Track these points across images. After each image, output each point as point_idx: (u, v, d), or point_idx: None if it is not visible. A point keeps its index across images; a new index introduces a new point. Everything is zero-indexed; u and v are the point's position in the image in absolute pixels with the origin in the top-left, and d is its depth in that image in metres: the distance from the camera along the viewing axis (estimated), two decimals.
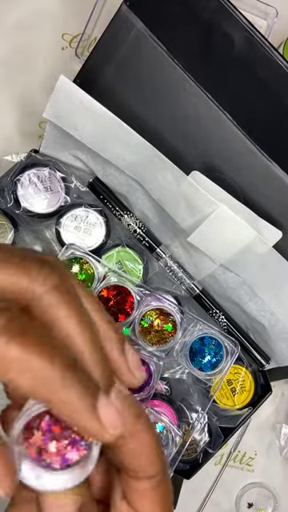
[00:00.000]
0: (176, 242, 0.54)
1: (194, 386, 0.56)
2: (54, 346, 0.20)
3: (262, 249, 0.50)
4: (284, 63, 0.46)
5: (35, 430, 0.22)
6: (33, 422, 0.22)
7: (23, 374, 0.19)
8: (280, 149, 0.49)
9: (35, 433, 0.22)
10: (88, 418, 0.21)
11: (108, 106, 0.48)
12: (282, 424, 0.62)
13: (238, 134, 0.49)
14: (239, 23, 0.46)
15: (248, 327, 0.56)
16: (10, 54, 0.62)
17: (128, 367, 0.24)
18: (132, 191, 0.54)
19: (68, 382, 0.20)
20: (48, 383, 0.20)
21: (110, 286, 0.52)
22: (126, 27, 0.48)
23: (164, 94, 0.50)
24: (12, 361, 0.19)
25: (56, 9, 0.62)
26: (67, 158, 0.55)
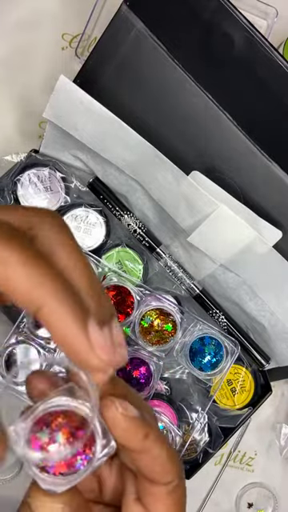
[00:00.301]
0: (176, 242, 0.54)
1: (193, 385, 0.56)
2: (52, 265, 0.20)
3: (262, 249, 0.50)
4: (284, 63, 0.46)
5: (45, 427, 0.23)
6: (46, 418, 0.23)
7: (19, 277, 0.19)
8: (280, 149, 0.49)
9: (44, 429, 0.23)
10: (77, 335, 0.20)
11: (108, 106, 0.48)
12: (282, 424, 0.62)
13: (238, 134, 0.49)
14: (239, 23, 0.46)
15: (248, 327, 0.56)
16: (10, 54, 0.62)
17: None
18: (132, 191, 0.54)
19: (61, 295, 0.20)
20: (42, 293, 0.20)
21: (109, 286, 0.52)
22: (126, 27, 0.48)
23: (164, 94, 0.50)
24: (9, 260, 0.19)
25: (56, 9, 0.62)
26: (67, 158, 0.55)
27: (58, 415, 0.23)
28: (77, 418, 0.23)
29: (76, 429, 0.23)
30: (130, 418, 0.23)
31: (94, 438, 0.23)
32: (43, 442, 0.22)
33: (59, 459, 0.23)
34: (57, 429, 0.23)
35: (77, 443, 0.23)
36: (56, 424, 0.23)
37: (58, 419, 0.23)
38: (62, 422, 0.23)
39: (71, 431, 0.23)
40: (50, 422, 0.23)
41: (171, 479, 0.24)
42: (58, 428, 0.23)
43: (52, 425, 0.23)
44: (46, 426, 0.23)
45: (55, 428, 0.23)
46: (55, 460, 0.23)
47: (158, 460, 0.24)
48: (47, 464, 0.23)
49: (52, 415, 0.23)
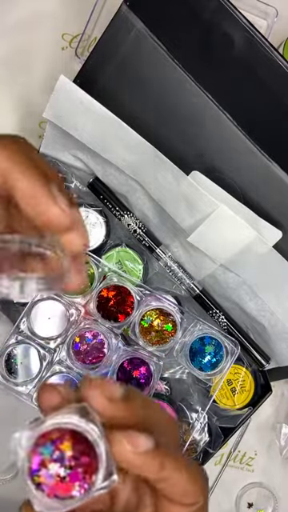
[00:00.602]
0: (176, 242, 0.54)
1: (193, 386, 0.56)
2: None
3: (262, 249, 0.50)
4: (284, 63, 0.46)
5: (49, 442, 0.22)
6: (52, 433, 0.22)
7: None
8: (280, 149, 0.49)
9: (48, 444, 0.22)
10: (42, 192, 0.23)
11: (108, 106, 0.48)
12: (282, 424, 0.62)
13: (238, 134, 0.49)
14: (239, 23, 0.46)
15: (248, 327, 0.56)
16: (10, 54, 0.62)
17: None
18: (132, 191, 0.54)
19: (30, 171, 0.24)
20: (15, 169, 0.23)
21: (109, 286, 0.52)
22: (126, 27, 0.48)
23: (164, 94, 0.50)
24: None
25: (56, 9, 0.62)
26: (67, 158, 0.55)
27: (66, 434, 0.22)
28: (84, 441, 0.22)
29: (81, 453, 0.22)
30: (141, 453, 0.22)
31: (97, 466, 0.22)
32: (44, 458, 0.22)
33: (57, 480, 0.22)
34: (61, 448, 0.22)
35: (78, 468, 0.22)
36: (62, 443, 0.22)
37: (65, 438, 0.22)
38: (68, 442, 0.22)
39: (75, 455, 0.22)
40: (56, 439, 0.22)
41: (194, 501, 0.23)
42: (62, 448, 0.22)
43: (57, 442, 0.22)
44: (51, 442, 0.22)
45: (60, 447, 0.22)
46: (52, 480, 0.22)
47: (177, 485, 0.23)
48: (43, 482, 0.22)
49: (59, 432, 0.22)
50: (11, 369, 0.52)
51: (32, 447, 0.22)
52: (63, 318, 0.52)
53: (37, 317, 0.52)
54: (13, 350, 0.52)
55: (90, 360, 0.51)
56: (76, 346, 0.52)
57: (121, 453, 0.22)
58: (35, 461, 0.22)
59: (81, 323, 0.52)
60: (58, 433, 0.22)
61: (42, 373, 0.52)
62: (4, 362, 0.51)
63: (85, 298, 0.53)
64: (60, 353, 0.53)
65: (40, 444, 0.22)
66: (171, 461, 0.22)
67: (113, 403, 0.22)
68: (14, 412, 0.54)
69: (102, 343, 0.52)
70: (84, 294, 0.53)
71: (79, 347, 0.52)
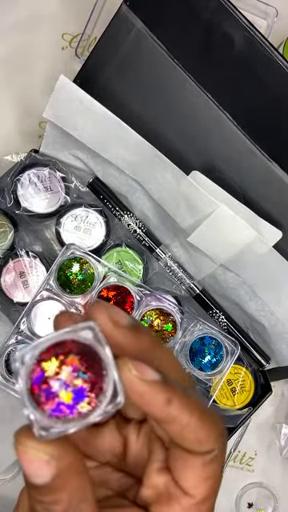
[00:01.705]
0: (176, 242, 0.54)
1: None
2: None
3: (262, 249, 0.50)
4: (284, 63, 0.46)
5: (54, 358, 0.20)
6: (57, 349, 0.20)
7: None
8: (280, 149, 0.49)
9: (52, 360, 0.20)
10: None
11: (108, 106, 0.48)
12: (282, 424, 0.62)
13: (238, 134, 0.49)
14: (239, 23, 0.46)
15: (248, 327, 0.56)
16: (9, 54, 0.62)
17: None
18: (132, 191, 0.54)
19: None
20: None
21: (109, 286, 0.52)
22: (126, 27, 0.48)
23: (164, 94, 0.50)
24: None
25: (56, 9, 0.62)
26: (67, 158, 0.55)
27: (72, 348, 0.20)
28: (90, 357, 0.20)
29: (87, 369, 0.20)
30: (146, 382, 0.20)
31: (103, 385, 0.20)
32: (47, 376, 0.20)
33: (60, 399, 0.20)
34: (67, 362, 0.20)
35: (84, 386, 0.20)
36: (67, 357, 0.20)
37: (71, 352, 0.20)
38: (74, 356, 0.20)
39: (81, 369, 0.20)
40: (62, 353, 0.20)
41: (209, 449, 0.21)
42: (68, 362, 0.20)
43: (63, 357, 0.20)
44: (55, 357, 0.20)
45: (65, 361, 0.20)
46: (54, 398, 0.20)
47: (188, 428, 0.21)
48: (45, 401, 0.20)
49: (65, 346, 0.20)
50: (11, 369, 0.52)
51: (35, 364, 0.20)
52: None
53: (37, 317, 0.52)
54: (13, 349, 0.52)
55: None
56: None
57: (126, 377, 0.20)
58: (37, 378, 0.20)
59: None
60: (64, 347, 0.20)
61: None
62: (4, 362, 0.51)
63: (85, 298, 0.53)
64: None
65: (44, 359, 0.20)
66: (180, 398, 0.21)
67: (118, 329, 0.21)
68: (14, 412, 0.54)
69: None
70: (84, 294, 0.53)
71: None
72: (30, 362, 0.20)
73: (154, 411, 0.21)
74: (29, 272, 0.54)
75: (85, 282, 0.53)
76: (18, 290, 0.54)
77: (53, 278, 0.52)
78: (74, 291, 0.53)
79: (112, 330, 0.21)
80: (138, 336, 0.22)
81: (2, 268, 0.54)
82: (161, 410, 0.21)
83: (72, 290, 0.53)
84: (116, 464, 0.25)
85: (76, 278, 0.53)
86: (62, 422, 0.20)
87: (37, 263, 0.54)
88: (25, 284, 0.54)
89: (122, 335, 0.22)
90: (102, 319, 0.21)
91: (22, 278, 0.54)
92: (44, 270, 0.54)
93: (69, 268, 0.53)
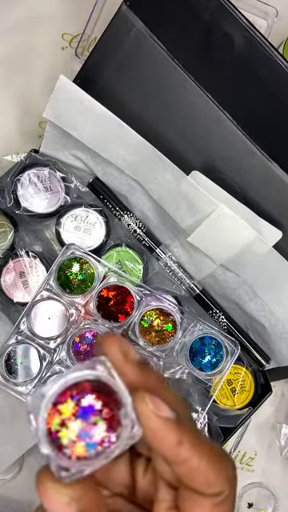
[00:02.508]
0: (176, 242, 0.54)
1: (193, 386, 0.56)
2: None
3: (262, 249, 0.50)
4: (284, 63, 0.46)
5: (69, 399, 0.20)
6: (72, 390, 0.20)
7: None
8: (280, 149, 0.49)
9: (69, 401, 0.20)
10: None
11: (108, 106, 0.48)
12: (282, 424, 0.62)
13: (238, 134, 0.49)
14: (239, 23, 0.46)
15: (248, 327, 0.56)
16: (9, 54, 0.62)
17: None
18: (132, 191, 0.54)
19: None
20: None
21: (109, 286, 0.52)
22: (125, 27, 0.48)
23: (164, 93, 0.50)
24: None
25: (56, 9, 0.62)
26: (67, 158, 0.55)
27: (86, 387, 0.20)
28: (106, 394, 0.20)
29: (103, 406, 0.20)
30: (161, 418, 0.20)
31: (120, 421, 0.20)
32: (65, 417, 0.20)
33: (79, 440, 0.20)
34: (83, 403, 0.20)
35: (102, 424, 0.20)
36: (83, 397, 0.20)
37: (86, 392, 0.20)
38: (90, 395, 0.20)
39: (98, 408, 0.20)
40: (77, 394, 0.20)
41: (218, 491, 0.21)
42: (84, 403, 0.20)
43: (78, 397, 0.20)
44: (71, 398, 0.20)
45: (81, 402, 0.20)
46: (74, 440, 0.20)
47: (197, 471, 0.20)
48: (65, 443, 0.20)
49: (79, 386, 0.20)
50: (11, 369, 0.52)
51: (50, 407, 0.20)
52: (63, 318, 0.52)
53: (37, 317, 0.52)
54: (13, 349, 0.52)
55: None
56: (76, 346, 0.52)
57: (142, 411, 0.20)
58: (54, 421, 0.20)
59: (81, 323, 0.52)
60: (78, 388, 0.20)
61: (42, 373, 0.52)
62: (4, 362, 0.51)
63: (85, 297, 0.53)
64: (60, 353, 0.53)
65: (60, 402, 0.20)
66: (191, 439, 0.21)
67: (128, 362, 0.21)
68: (14, 412, 0.54)
69: None
70: (84, 294, 0.53)
71: (79, 347, 0.52)
72: (47, 405, 0.20)
73: (164, 451, 0.20)
74: (29, 272, 0.54)
75: (85, 281, 0.53)
76: (18, 290, 0.54)
77: (53, 277, 0.52)
78: (74, 291, 0.53)
79: (123, 363, 0.21)
80: (146, 372, 0.22)
81: (2, 268, 0.54)
82: (171, 451, 0.20)
83: (72, 290, 0.53)
84: (128, 496, 0.25)
85: (76, 278, 0.53)
86: (81, 462, 0.20)
87: (37, 263, 0.54)
88: (25, 284, 0.54)
89: (131, 370, 0.22)
90: (114, 353, 0.21)
91: (21, 278, 0.54)
92: (44, 269, 0.54)
93: (69, 268, 0.53)
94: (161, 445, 0.20)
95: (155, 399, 0.21)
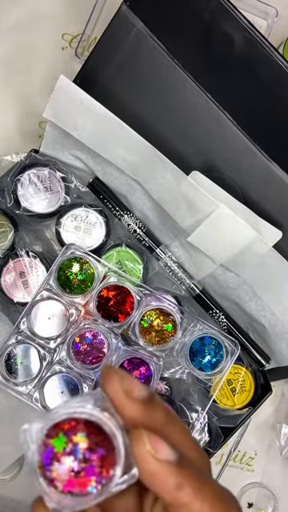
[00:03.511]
0: (176, 242, 0.54)
1: (193, 385, 0.56)
2: None
3: (262, 249, 0.50)
4: (284, 63, 0.46)
5: (62, 433, 0.20)
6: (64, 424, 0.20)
7: None
8: (280, 149, 0.49)
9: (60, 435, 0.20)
10: None
11: (108, 106, 0.48)
12: (282, 424, 0.62)
13: (238, 134, 0.49)
14: (239, 23, 0.46)
15: (248, 327, 0.56)
16: (10, 54, 0.62)
17: None
18: (132, 191, 0.54)
19: None
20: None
21: (109, 286, 0.52)
22: (126, 27, 0.48)
23: (164, 94, 0.50)
24: None
25: (56, 9, 0.62)
26: (67, 158, 0.55)
27: (80, 424, 0.20)
28: (100, 432, 0.20)
29: (96, 445, 0.20)
30: (160, 460, 0.19)
31: (114, 459, 0.20)
32: (57, 452, 0.19)
33: (71, 475, 0.19)
34: (75, 440, 0.20)
35: (94, 462, 0.20)
36: (75, 434, 0.20)
37: (79, 429, 0.20)
38: (82, 433, 0.20)
39: (90, 446, 0.20)
40: (69, 429, 0.20)
41: None
42: (76, 439, 0.20)
43: (70, 434, 0.20)
44: (63, 434, 0.20)
45: (73, 438, 0.20)
46: (66, 475, 0.19)
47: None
48: (56, 477, 0.20)
49: (73, 422, 0.20)
50: (11, 369, 0.52)
51: (43, 439, 0.20)
52: (63, 318, 0.52)
53: (37, 317, 0.52)
54: (13, 349, 0.52)
55: (90, 360, 0.51)
56: (76, 345, 0.52)
57: (138, 452, 0.19)
58: (46, 454, 0.20)
59: (81, 323, 0.52)
60: (71, 423, 0.20)
61: (42, 373, 0.52)
62: (4, 362, 0.51)
63: (85, 297, 0.53)
64: (60, 353, 0.52)
65: (51, 436, 0.20)
66: (193, 484, 0.19)
67: (130, 401, 0.20)
68: (14, 412, 0.54)
69: (101, 343, 0.52)
70: (84, 294, 0.53)
71: (79, 347, 0.52)
72: (38, 437, 0.19)
73: (163, 494, 0.19)
74: (29, 272, 0.54)
75: (85, 281, 0.53)
76: (18, 289, 0.54)
77: (53, 277, 0.52)
78: (74, 291, 0.53)
79: (123, 401, 0.20)
80: (151, 410, 0.21)
81: (2, 268, 0.54)
82: (170, 494, 0.19)
83: (72, 290, 0.53)
84: None
85: (76, 278, 0.53)
86: (75, 497, 0.19)
87: (37, 263, 0.54)
88: (25, 284, 0.54)
89: (133, 407, 0.20)
90: (114, 389, 0.20)
91: (22, 278, 0.54)
92: (44, 269, 0.54)
93: (69, 268, 0.53)
94: (159, 488, 0.19)
95: (155, 439, 0.19)
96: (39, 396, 0.52)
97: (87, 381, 0.53)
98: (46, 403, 0.51)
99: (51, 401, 0.51)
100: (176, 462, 0.19)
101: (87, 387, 0.52)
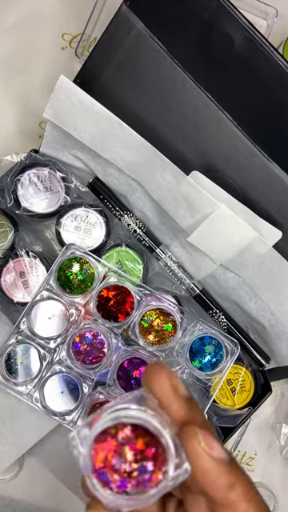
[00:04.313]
0: (176, 242, 0.54)
1: (194, 385, 0.56)
2: None
3: (262, 249, 0.50)
4: (284, 63, 0.46)
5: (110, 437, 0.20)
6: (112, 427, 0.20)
7: None
8: (280, 149, 0.49)
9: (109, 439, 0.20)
10: None
11: (108, 106, 0.48)
12: (282, 424, 0.62)
13: (238, 134, 0.49)
14: (239, 23, 0.46)
15: (248, 327, 0.56)
16: (10, 54, 0.62)
17: None
18: (132, 191, 0.54)
19: None
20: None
21: (109, 286, 0.52)
22: (126, 27, 0.48)
23: (164, 93, 0.50)
24: None
25: (56, 9, 0.62)
26: (67, 158, 0.55)
27: (126, 426, 0.20)
28: (147, 431, 0.20)
29: (146, 444, 0.20)
30: (214, 458, 0.19)
31: (165, 457, 0.20)
32: (108, 455, 0.20)
33: (124, 476, 0.20)
34: (124, 442, 0.20)
35: (145, 461, 0.20)
36: (123, 437, 0.20)
37: (126, 431, 0.20)
38: (130, 435, 0.20)
39: (140, 447, 0.20)
40: (117, 432, 0.20)
41: None
42: (125, 441, 0.20)
43: (118, 436, 0.20)
44: (111, 437, 0.20)
45: (122, 441, 0.20)
46: (119, 476, 0.20)
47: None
48: (111, 480, 0.20)
49: (119, 425, 0.20)
50: (11, 369, 0.52)
51: (93, 445, 0.20)
52: (63, 317, 0.52)
53: (37, 317, 0.52)
54: (13, 349, 0.52)
55: (90, 360, 0.51)
56: (76, 345, 0.52)
57: (192, 449, 0.19)
58: (99, 458, 0.20)
59: (81, 323, 0.52)
60: (118, 426, 0.20)
61: (42, 373, 0.52)
62: (4, 362, 0.51)
63: (85, 297, 0.53)
64: (60, 353, 0.53)
65: (101, 440, 0.20)
66: (243, 484, 0.20)
67: (177, 396, 0.20)
68: (14, 412, 0.54)
69: (101, 343, 0.52)
70: (84, 294, 0.53)
71: (79, 347, 0.52)
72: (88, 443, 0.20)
73: (214, 492, 0.20)
74: (29, 272, 0.54)
75: (85, 281, 0.53)
76: (18, 289, 0.54)
77: (53, 277, 0.52)
78: (74, 291, 0.53)
79: (172, 398, 0.20)
80: (194, 408, 0.21)
81: (2, 268, 0.54)
82: (221, 493, 0.19)
83: (72, 290, 0.53)
84: None
85: (76, 278, 0.53)
86: (131, 496, 0.20)
87: (37, 263, 0.54)
88: (25, 284, 0.54)
89: (180, 406, 0.20)
90: (163, 387, 0.20)
91: (22, 278, 0.54)
92: (44, 269, 0.54)
93: (69, 268, 0.53)
94: (211, 486, 0.20)
95: (208, 437, 0.19)
96: (39, 396, 0.52)
97: (87, 381, 0.53)
98: (45, 403, 0.51)
99: (51, 401, 0.51)
100: (228, 461, 0.20)
101: (87, 387, 0.52)
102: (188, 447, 0.19)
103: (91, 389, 0.53)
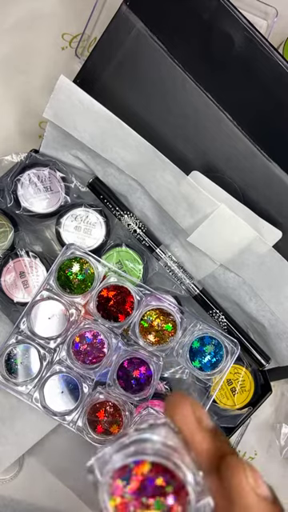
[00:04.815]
0: (176, 242, 0.54)
1: (194, 385, 0.56)
2: None
3: (262, 249, 0.50)
4: (284, 63, 0.46)
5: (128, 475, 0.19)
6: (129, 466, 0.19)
7: None
8: (280, 149, 0.49)
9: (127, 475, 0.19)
10: None
11: (108, 106, 0.48)
12: (282, 424, 0.62)
13: (238, 134, 0.49)
14: (239, 23, 0.46)
15: (248, 327, 0.56)
16: (10, 54, 0.62)
17: None
18: (132, 191, 0.54)
19: None
20: None
21: (109, 286, 0.52)
22: (126, 27, 0.48)
23: (164, 93, 0.50)
24: None
25: (56, 9, 0.62)
26: (67, 158, 0.55)
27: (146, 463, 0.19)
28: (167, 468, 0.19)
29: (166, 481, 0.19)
30: (259, 496, 0.18)
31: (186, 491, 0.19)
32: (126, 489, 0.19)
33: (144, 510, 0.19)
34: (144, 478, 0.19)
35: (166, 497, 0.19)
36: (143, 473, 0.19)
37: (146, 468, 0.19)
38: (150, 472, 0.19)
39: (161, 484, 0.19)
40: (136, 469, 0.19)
41: None
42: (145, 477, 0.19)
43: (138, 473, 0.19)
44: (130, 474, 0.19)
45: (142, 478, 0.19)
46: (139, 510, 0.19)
47: None
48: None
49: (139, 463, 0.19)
50: (11, 369, 0.52)
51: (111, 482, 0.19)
52: (63, 317, 0.52)
53: (37, 317, 0.52)
54: (13, 349, 0.52)
55: (90, 360, 0.51)
56: (76, 345, 0.52)
57: (240, 485, 0.18)
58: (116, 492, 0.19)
59: (81, 323, 0.52)
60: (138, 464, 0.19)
61: (42, 373, 0.52)
62: (4, 362, 0.51)
63: (85, 297, 0.53)
64: (60, 353, 0.53)
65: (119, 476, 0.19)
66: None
67: (201, 428, 0.19)
68: (14, 412, 0.54)
69: (101, 343, 0.52)
70: (84, 294, 0.53)
71: (79, 347, 0.52)
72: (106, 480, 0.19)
73: None
74: (29, 272, 0.54)
75: (85, 281, 0.53)
76: (18, 289, 0.54)
77: (53, 277, 0.52)
78: (74, 291, 0.53)
79: (195, 430, 0.19)
80: (219, 440, 0.20)
81: (2, 268, 0.54)
82: None
83: (72, 290, 0.53)
84: None
85: (76, 278, 0.53)
86: None
87: (37, 263, 0.54)
88: (25, 284, 0.54)
89: (204, 437, 0.20)
90: (186, 417, 0.19)
91: (22, 278, 0.54)
92: (44, 269, 0.54)
93: (69, 268, 0.53)
94: None
95: (256, 473, 0.18)
96: (39, 396, 0.52)
97: (87, 381, 0.53)
98: (45, 403, 0.51)
99: (51, 401, 0.51)
100: (272, 499, 0.19)
101: (87, 387, 0.52)
102: (233, 481, 0.18)
103: (91, 389, 0.53)
